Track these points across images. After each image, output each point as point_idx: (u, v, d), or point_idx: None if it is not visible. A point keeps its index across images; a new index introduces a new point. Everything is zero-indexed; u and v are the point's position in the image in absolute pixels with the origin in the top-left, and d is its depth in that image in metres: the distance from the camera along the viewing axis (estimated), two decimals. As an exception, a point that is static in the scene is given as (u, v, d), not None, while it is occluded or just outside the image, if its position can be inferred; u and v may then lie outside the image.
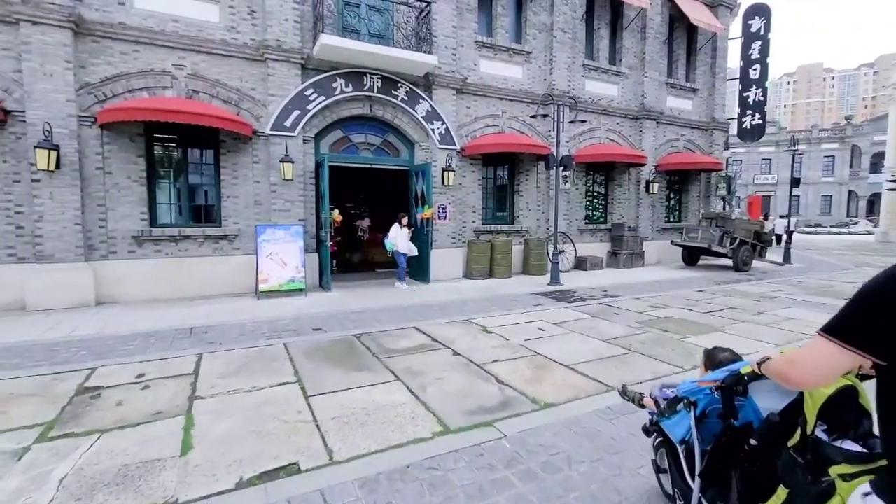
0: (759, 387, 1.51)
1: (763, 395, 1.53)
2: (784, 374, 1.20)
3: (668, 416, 1.74)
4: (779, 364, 1.25)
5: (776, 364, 1.27)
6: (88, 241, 7.56)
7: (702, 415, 1.62)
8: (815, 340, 1.10)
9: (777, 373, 1.24)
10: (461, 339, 5.50)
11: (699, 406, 1.62)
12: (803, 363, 1.14)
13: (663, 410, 1.75)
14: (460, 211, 10.84)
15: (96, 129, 7.50)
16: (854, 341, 1.03)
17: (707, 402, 1.62)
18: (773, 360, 1.31)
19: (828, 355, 1.07)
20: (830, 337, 1.07)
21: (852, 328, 1.04)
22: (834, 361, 1.07)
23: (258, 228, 8.32)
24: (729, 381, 1.49)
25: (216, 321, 6.35)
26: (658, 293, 8.81)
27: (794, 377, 1.17)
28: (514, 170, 11.88)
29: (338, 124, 9.59)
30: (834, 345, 1.05)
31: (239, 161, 8.60)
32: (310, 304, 7.68)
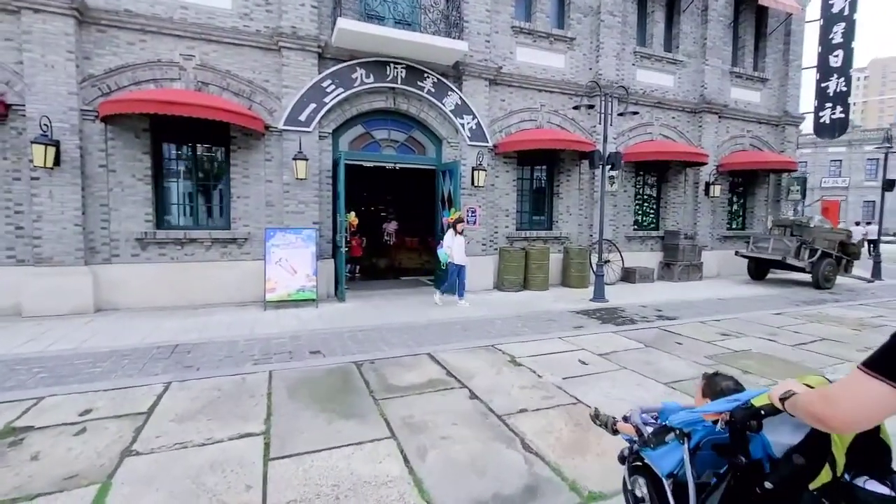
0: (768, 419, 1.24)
1: (772, 427, 1.26)
2: (821, 415, 0.99)
3: (653, 446, 1.53)
4: (814, 403, 1.03)
5: (810, 402, 1.05)
6: (90, 244, 7.09)
7: (695, 447, 1.44)
8: (858, 377, 0.93)
9: (811, 413, 1.03)
10: (482, 374, 4.45)
11: (694, 438, 1.43)
12: (846, 403, 0.94)
13: (648, 440, 1.56)
14: (492, 215, 9.79)
15: (100, 124, 7.03)
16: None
17: (704, 434, 1.42)
18: (803, 396, 1.11)
19: (875, 396, 0.90)
20: (877, 374, 0.89)
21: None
22: (882, 403, 0.89)
23: (267, 232, 7.62)
24: (741, 415, 1.25)
25: (207, 337, 5.63)
26: (726, 315, 7.39)
27: (834, 420, 0.97)
28: (553, 169, 10.69)
29: (358, 119, 8.79)
30: (881, 383, 0.88)
31: (250, 159, 7.95)
32: (318, 317, 6.86)
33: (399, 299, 8.35)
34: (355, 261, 11.04)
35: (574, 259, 9.97)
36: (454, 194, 8.75)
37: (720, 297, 9.08)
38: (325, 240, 8.51)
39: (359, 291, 9.07)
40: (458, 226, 7.88)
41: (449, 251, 7.81)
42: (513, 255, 9.39)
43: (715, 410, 1.37)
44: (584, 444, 3.11)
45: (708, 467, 1.48)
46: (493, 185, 9.78)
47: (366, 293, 8.93)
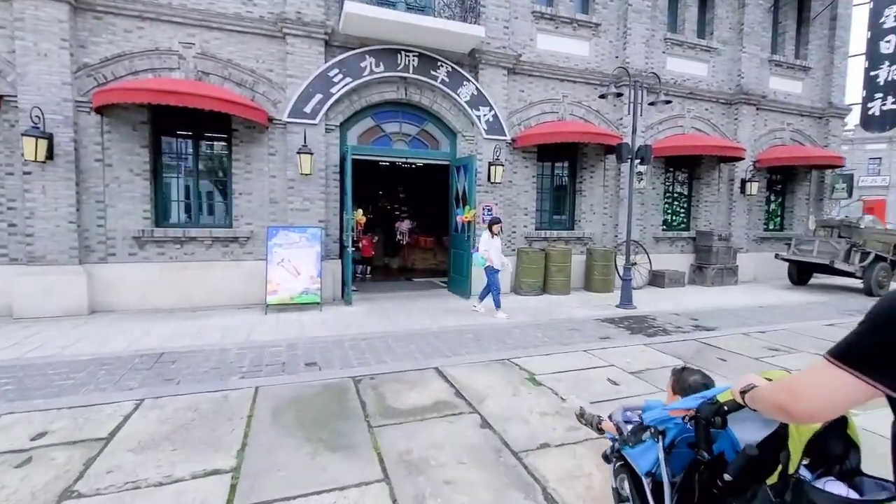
0: (736, 415, 1.23)
1: (740, 424, 1.27)
2: (783, 405, 0.94)
3: (632, 444, 1.50)
4: (776, 394, 0.98)
5: (771, 394, 1.01)
6: (85, 242, 6.75)
7: (671, 445, 1.41)
8: (824, 368, 0.87)
9: (773, 404, 0.99)
10: (496, 395, 3.87)
11: (668, 436, 1.41)
12: (810, 394, 0.89)
13: (627, 438, 1.54)
14: (509, 213, 9.17)
15: (95, 116, 6.68)
16: (873, 371, 0.81)
17: (677, 431, 1.40)
18: (764, 388, 1.06)
19: (839, 386, 0.85)
20: (842, 364, 0.84)
21: (871, 355, 0.82)
22: (846, 394, 0.84)
23: (269, 230, 7.17)
24: (705, 412, 1.25)
25: (198, 344, 5.18)
26: (771, 326, 6.62)
27: (797, 410, 0.92)
28: (575, 165, 10.00)
29: (367, 111, 8.28)
30: (846, 374, 0.84)
31: (253, 153, 7.51)
32: (320, 322, 6.37)
33: (409, 303, 7.82)
34: (366, 261, 10.56)
35: (598, 261, 9.27)
36: (469, 191, 8.17)
37: (761, 305, 8.26)
38: (331, 239, 8.03)
39: (368, 294, 8.57)
40: (494, 227, 7.06)
41: (486, 255, 6.95)
42: (531, 257, 8.76)
43: (682, 407, 1.35)
44: (621, 496, 2.50)
45: (685, 466, 1.42)
46: (511, 182, 9.16)
47: (375, 296, 8.42)
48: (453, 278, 8.94)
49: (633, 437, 1.55)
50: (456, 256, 8.81)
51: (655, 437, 1.44)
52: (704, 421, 1.26)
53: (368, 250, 10.38)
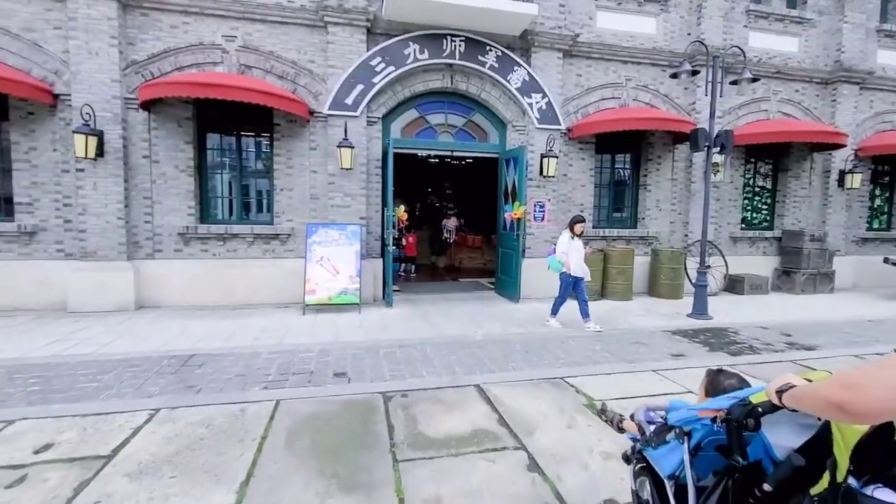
0: (768, 418, 1.11)
1: (772, 427, 1.15)
2: (838, 400, 0.83)
3: (654, 445, 1.41)
4: (832, 391, 0.86)
5: (825, 390, 0.88)
6: (133, 238, 6.82)
7: (696, 447, 1.30)
8: (885, 361, 0.80)
9: (828, 401, 0.87)
10: (547, 425, 3.25)
11: (694, 437, 1.31)
12: (879, 392, 0.78)
13: (649, 438, 1.45)
14: (563, 210, 8.40)
15: (143, 113, 6.70)
16: None
17: (704, 433, 1.29)
18: (813, 386, 0.95)
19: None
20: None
21: None
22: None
23: (308, 228, 6.91)
24: (737, 413, 1.14)
25: (229, 346, 4.95)
26: (889, 346, 5.45)
27: (857, 405, 0.81)
28: (639, 156, 9.02)
29: (411, 102, 7.84)
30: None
31: (294, 148, 7.30)
32: (357, 325, 6.00)
33: (453, 306, 7.29)
34: (410, 260, 10.17)
35: (665, 263, 8.28)
36: (519, 186, 7.51)
37: (869, 319, 6.94)
38: (373, 237, 7.67)
39: (410, 295, 8.15)
40: (576, 226, 6.12)
41: (563, 258, 6.00)
42: (588, 258, 7.92)
43: (712, 407, 1.26)
44: None
45: (711, 470, 1.32)
46: (566, 176, 8.38)
47: (417, 297, 7.98)
48: (501, 280, 8.32)
49: (655, 437, 1.45)
50: (504, 256, 8.18)
51: (681, 439, 1.35)
52: (736, 423, 1.15)
53: (412, 249, 9.97)
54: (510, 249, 7.88)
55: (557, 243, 6.19)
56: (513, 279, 7.73)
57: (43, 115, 6.49)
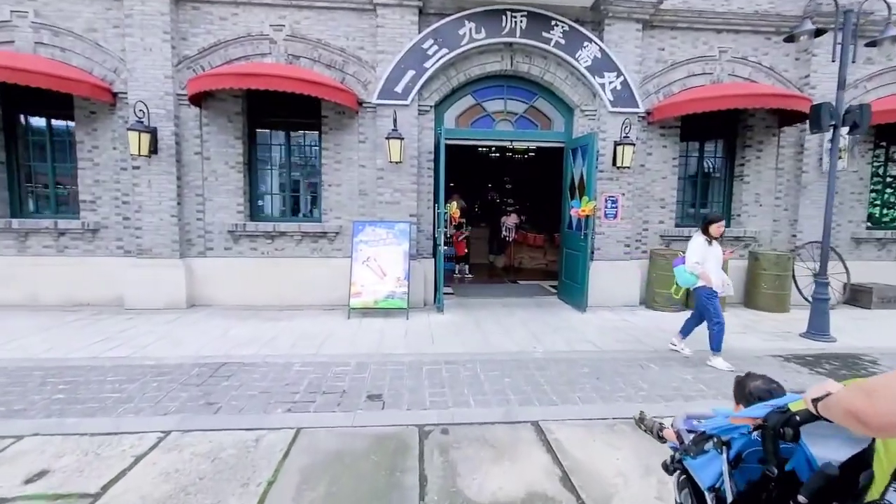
0: (814, 430, 1.04)
1: (821, 441, 1.06)
2: (857, 411, 0.78)
3: (693, 454, 1.31)
4: (850, 397, 0.82)
5: (846, 397, 0.85)
6: (186, 236, 6.78)
7: (737, 458, 1.20)
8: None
9: (846, 409, 0.83)
10: (629, 490, 2.45)
11: (734, 447, 1.20)
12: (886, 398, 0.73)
13: (687, 448, 1.35)
14: (640, 206, 7.32)
15: (194, 109, 6.62)
16: None
17: (744, 442, 1.20)
18: (840, 392, 0.90)
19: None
20: None
21: None
22: None
23: (355, 226, 6.49)
24: (774, 421, 1.06)
25: (264, 354, 4.60)
26: None
27: (874, 418, 0.75)
28: (733, 143, 7.67)
29: (466, 88, 7.16)
30: None
31: (343, 141, 6.90)
32: (403, 334, 5.46)
33: (510, 314, 6.55)
34: (464, 260, 9.53)
35: (767, 270, 6.93)
36: (588, 178, 6.57)
37: None
38: (424, 235, 7.11)
39: (464, 298, 7.50)
40: (712, 227, 4.64)
41: (698, 269, 4.56)
42: (670, 262, 6.81)
43: (747, 415, 1.18)
44: None
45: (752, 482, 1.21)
46: (644, 166, 7.28)
47: (472, 301, 7.32)
48: (565, 284, 7.42)
49: (694, 446, 1.32)
50: (569, 258, 7.27)
51: (719, 448, 1.23)
52: (772, 431, 1.06)
53: (462, 247, 9.31)
54: (576, 251, 6.97)
55: (688, 250, 4.72)
56: (579, 285, 6.81)
57: (104, 113, 6.60)
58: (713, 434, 1.27)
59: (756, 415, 1.15)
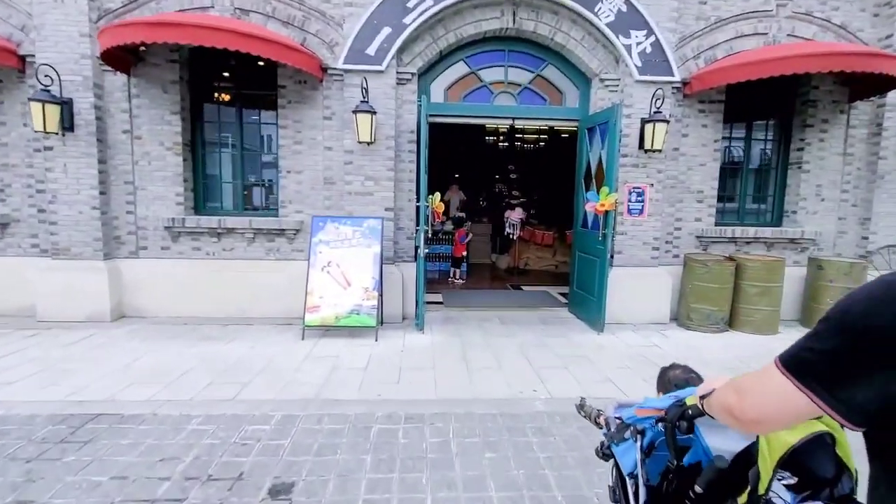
0: (712, 421, 1.05)
1: (719, 431, 1.10)
2: (730, 408, 0.83)
3: (616, 441, 1.36)
4: (725, 394, 0.86)
5: (721, 394, 0.89)
6: (113, 233, 5.58)
7: (650, 446, 1.25)
8: (770, 370, 0.76)
9: (721, 405, 0.87)
10: None
11: (647, 436, 1.25)
12: (756, 399, 0.79)
13: (612, 435, 1.38)
14: (672, 199, 5.93)
15: (121, 77, 5.37)
16: (822, 385, 0.68)
17: (656, 433, 1.24)
18: (717, 392, 0.93)
19: (783, 394, 0.73)
20: (786, 371, 0.73)
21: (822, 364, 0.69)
22: (789, 403, 0.73)
23: (314, 222, 5.22)
24: (671, 414, 1.11)
25: (166, 399, 3.37)
26: None
27: (743, 415, 0.80)
28: (789, 122, 6.21)
29: (458, 53, 5.80)
30: (788, 382, 0.72)
31: (304, 117, 5.61)
32: (364, 365, 4.19)
33: (508, 333, 5.23)
34: (459, 262, 8.21)
35: (833, 280, 5.49)
36: (609, 165, 5.20)
37: None
38: (404, 234, 5.82)
39: (454, 310, 6.20)
40: None
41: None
42: (711, 270, 5.42)
43: (651, 406, 1.22)
44: None
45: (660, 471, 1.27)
46: (677, 150, 5.88)
47: (462, 314, 6.01)
48: (577, 296, 6.06)
49: (616, 434, 1.33)
50: (582, 264, 5.91)
51: (634, 437, 1.25)
52: (670, 424, 1.10)
53: (460, 248, 7.99)
54: (591, 255, 5.61)
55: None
56: (595, 298, 5.45)
57: (11, 81, 5.40)
58: (629, 423, 1.27)
59: (660, 406, 1.16)
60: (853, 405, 0.66)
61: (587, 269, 5.73)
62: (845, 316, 0.67)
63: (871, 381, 0.64)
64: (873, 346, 0.63)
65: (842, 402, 0.66)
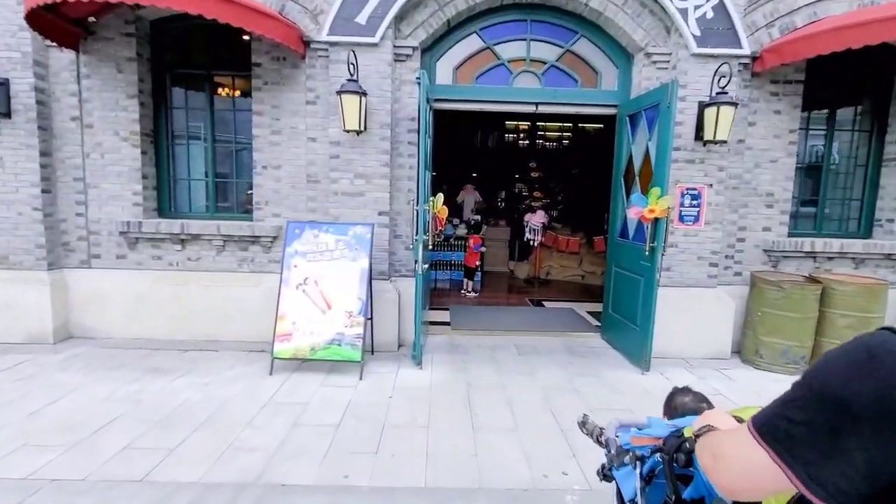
0: None
1: None
2: (706, 469, 0.76)
3: (616, 465, 1.26)
4: (703, 452, 0.79)
5: (701, 450, 0.80)
6: (60, 238, 4.74)
7: (651, 473, 1.16)
8: (744, 436, 0.65)
9: (700, 461, 0.80)
10: None
11: (647, 464, 1.15)
12: (728, 464, 0.69)
13: (612, 457, 1.27)
14: (734, 203, 4.78)
15: (69, 53, 4.52)
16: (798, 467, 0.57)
17: (655, 461, 1.15)
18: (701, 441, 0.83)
19: (756, 463, 0.62)
20: (759, 437, 0.62)
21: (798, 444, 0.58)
22: (764, 474, 0.62)
23: (289, 228, 4.25)
24: (669, 445, 1.02)
25: (53, 476, 2.43)
26: None
27: (717, 481, 0.71)
28: (883, 110, 4.97)
29: (469, 25, 4.77)
30: (761, 451, 0.61)
31: (283, 102, 4.67)
32: (337, 419, 3.20)
33: (527, 371, 4.17)
34: (472, 272, 7.17)
35: (953, 311, 4.25)
36: (658, 159, 4.09)
37: None
38: (403, 243, 4.82)
39: (460, 334, 5.17)
40: None
41: None
42: (789, 295, 4.25)
43: (649, 435, 1.16)
44: None
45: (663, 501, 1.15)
46: (742, 143, 4.72)
47: (471, 340, 4.98)
48: (614, 320, 4.95)
49: (616, 458, 1.22)
50: (621, 283, 4.79)
51: (633, 464, 1.16)
52: (667, 455, 1.01)
53: (472, 258, 6.95)
54: (633, 272, 4.49)
55: None
56: (637, 327, 4.34)
57: (-57, 60, 4.60)
58: (629, 449, 1.18)
59: (658, 434, 1.11)
60: (835, 490, 0.54)
61: (627, 290, 4.61)
62: (824, 388, 0.57)
63: (854, 461, 0.53)
64: (855, 423, 0.53)
65: (821, 486, 0.55)
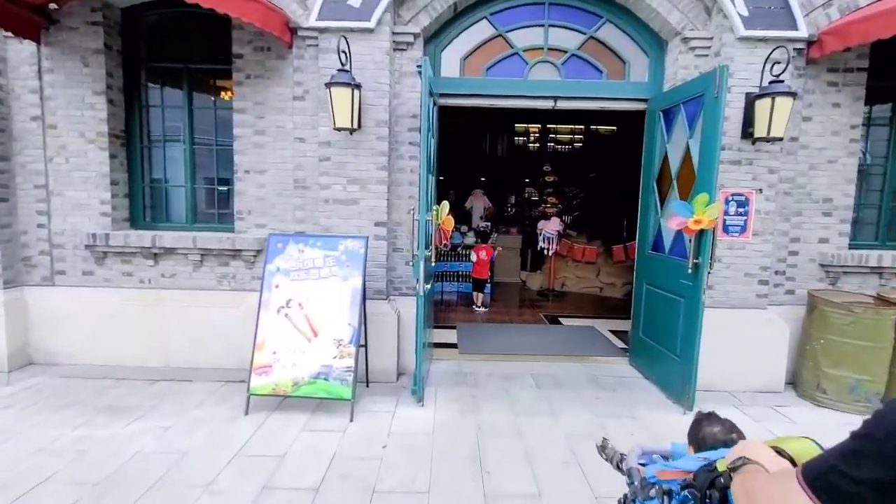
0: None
1: None
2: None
3: (641, 498, 1.21)
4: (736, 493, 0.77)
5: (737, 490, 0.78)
6: (20, 252, 4.23)
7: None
8: (792, 489, 0.61)
9: (738, 501, 0.77)
10: None
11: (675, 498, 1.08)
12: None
13: (636, 490, 1.22)
14: (786, 210, 4.12)
15: (30, 45, 4.03)
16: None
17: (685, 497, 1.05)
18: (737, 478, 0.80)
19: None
20: (812, 493, 0.58)
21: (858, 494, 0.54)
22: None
23: (271, 242, 3.69)
24: (700, 480, 0.95)
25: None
26: None
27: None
28: (960, 100, 4.29)
29: (479, 9, 4.20)
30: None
31: (268, 97, 4.12)
32: (317, 480, 2.60)
33: (548, 407, 3.55)
34: (482, 285, 6.56)
35: None
36: (703, 160, 3.46)
37: None
38: (402, 258, 4.23)
39: (469, 360, 4.56)
40: None
41: None
42: (859, 319, 3.58)
43: (677, 468, 1.11)
44: None
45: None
46: (796, 140, 4.07)
47: (481, 367, 4.36)
48: (645, 346, 4.30)
49: (641, 491, 1.18)
50: (655, 303, 4.14)
51: (660, 498, 1.11)
52: (698, 492, 0.95)
53: (483, 269, 6.34)
54: (670, 293, 3.85)
55: None
56: (679, 358, 3.69)
57: None
58: (655, 482, 1.13)
59: (686, 468, 1.06)
60: None
61: (663, 312, 3.97)
62: (889, 441, 0.51)
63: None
64: None
65: None
